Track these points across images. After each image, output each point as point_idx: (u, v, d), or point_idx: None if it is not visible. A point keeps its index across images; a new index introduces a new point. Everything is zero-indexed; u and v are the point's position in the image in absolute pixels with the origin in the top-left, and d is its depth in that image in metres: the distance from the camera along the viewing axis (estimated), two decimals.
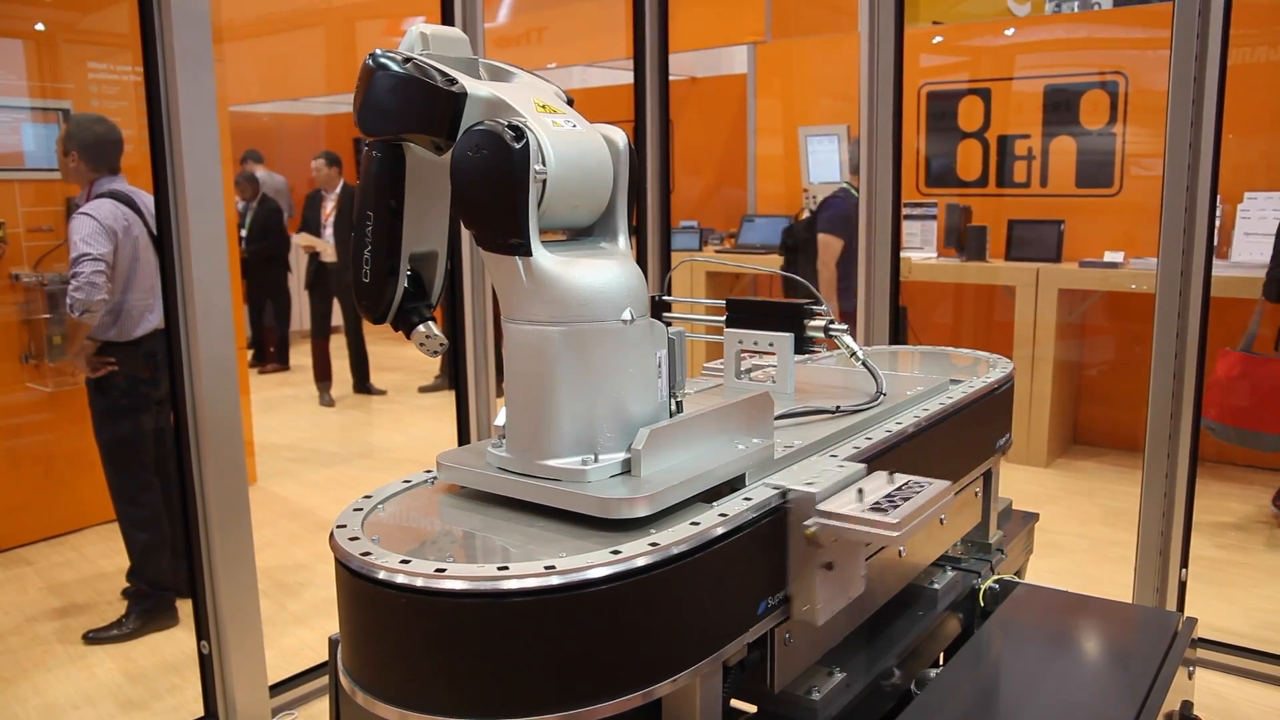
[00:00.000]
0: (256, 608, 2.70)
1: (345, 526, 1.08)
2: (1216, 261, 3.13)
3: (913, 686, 1.45)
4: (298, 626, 3.69)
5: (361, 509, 1.15)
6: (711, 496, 1.13)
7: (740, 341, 1.65)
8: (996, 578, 1.74)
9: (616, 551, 0.96)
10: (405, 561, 0.96)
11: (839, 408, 1.48)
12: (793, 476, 1.18)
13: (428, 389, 7.95)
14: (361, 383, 7.80)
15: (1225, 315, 4.43)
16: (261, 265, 7.91)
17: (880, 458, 1.36)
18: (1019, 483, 5.10)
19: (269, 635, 2.84)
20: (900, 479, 1.19)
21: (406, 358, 8.81)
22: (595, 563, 0.94)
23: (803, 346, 1.61)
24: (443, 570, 0.93)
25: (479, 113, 1.10)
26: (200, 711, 2.80)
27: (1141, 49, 5.50)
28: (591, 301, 1.09)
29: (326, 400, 7.51)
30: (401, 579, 0.94)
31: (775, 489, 1.14)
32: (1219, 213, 3.52)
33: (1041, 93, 5.81)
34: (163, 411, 3.77)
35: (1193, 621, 1.59)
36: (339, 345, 7.72)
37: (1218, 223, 3.42)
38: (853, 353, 1.57)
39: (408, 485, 1.24)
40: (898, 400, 1.57)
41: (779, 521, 1.13)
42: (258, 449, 5.92)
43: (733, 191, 7.71)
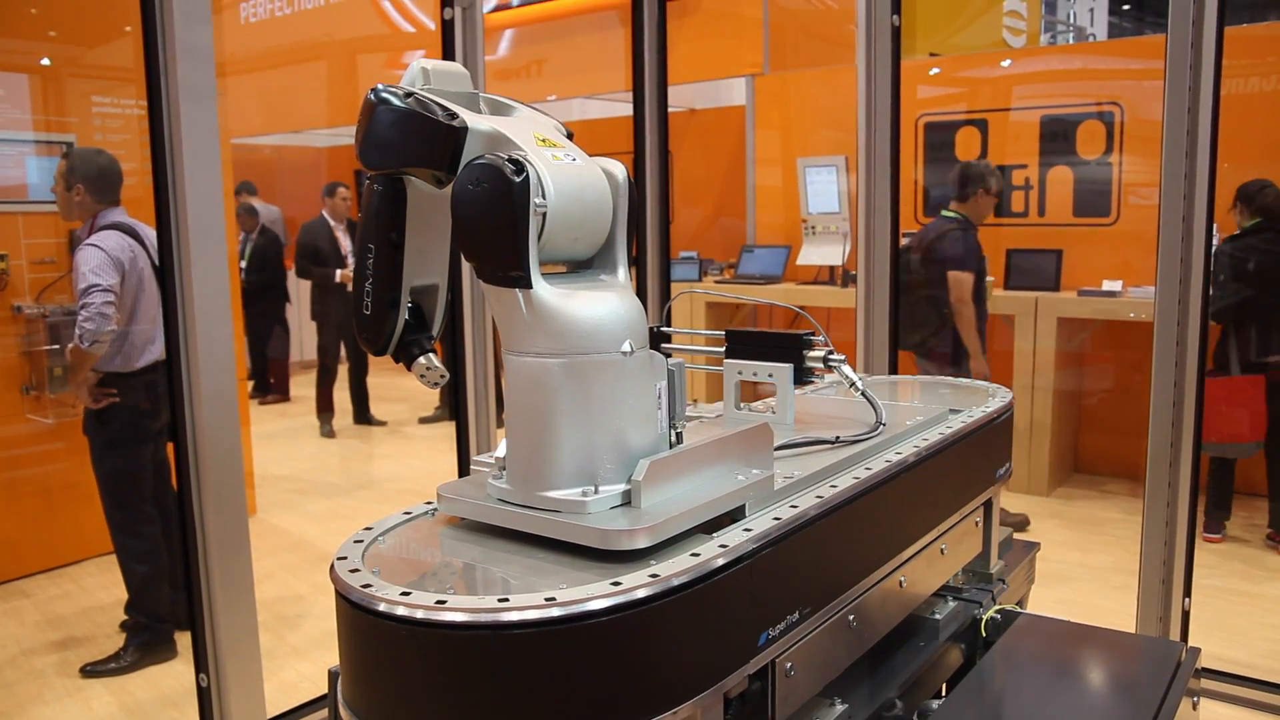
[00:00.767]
0: (256, 640, 2.69)
1: (346, 558, 1.08)
2: None
3: (915, 718, 1.44)
4: (297, 659, 3.67)
5: (362, 540, 1.15)
6: (712, 527, 1.13)
7: (740, 372, 1.65)
8: (998, 608, 1.73)
9: (617, 583, 0.96)
10: (406, 593, 0.96)
11: (839, 438, 1.48)
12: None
13: (428, 420, 7.95)
14: (362, 414, 7.80)
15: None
16: (261, 296, 7.93)
17: (880, 488, 1.36)
18: (1021, 511, 5.08)
19: (268, 668, 2.83)
20: None
21: (407, 389, 8.82)
22: (596, 594, 0.94)
23: (802, 377, 1.61)
24: (443, 602, 0.93)
25: (479, 147, 1.11)
26: None
27: (1137, 79, 5.55)
28: (592, 334, 1.10)
29: (327, 431, 7.51)
30: (402, 611, 0.94)
31: (776, 520, 1.14)
32: (1215, 241, 3.55)
33: (1038, 123, 5.86)
34: (162, 443, 3.77)
35: (1196, 651, 1.58)
36: (340, 376, 7.73)
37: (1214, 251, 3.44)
38: (852, 383, 1.58)
39: (408, 517, 1.24)
40: (897, 430, 1.57)
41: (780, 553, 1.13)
42: (258, 480, 5.91)
43: (732, 222, 7.75)
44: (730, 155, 7.75)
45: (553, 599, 0.92)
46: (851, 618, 1.31)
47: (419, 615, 0.93)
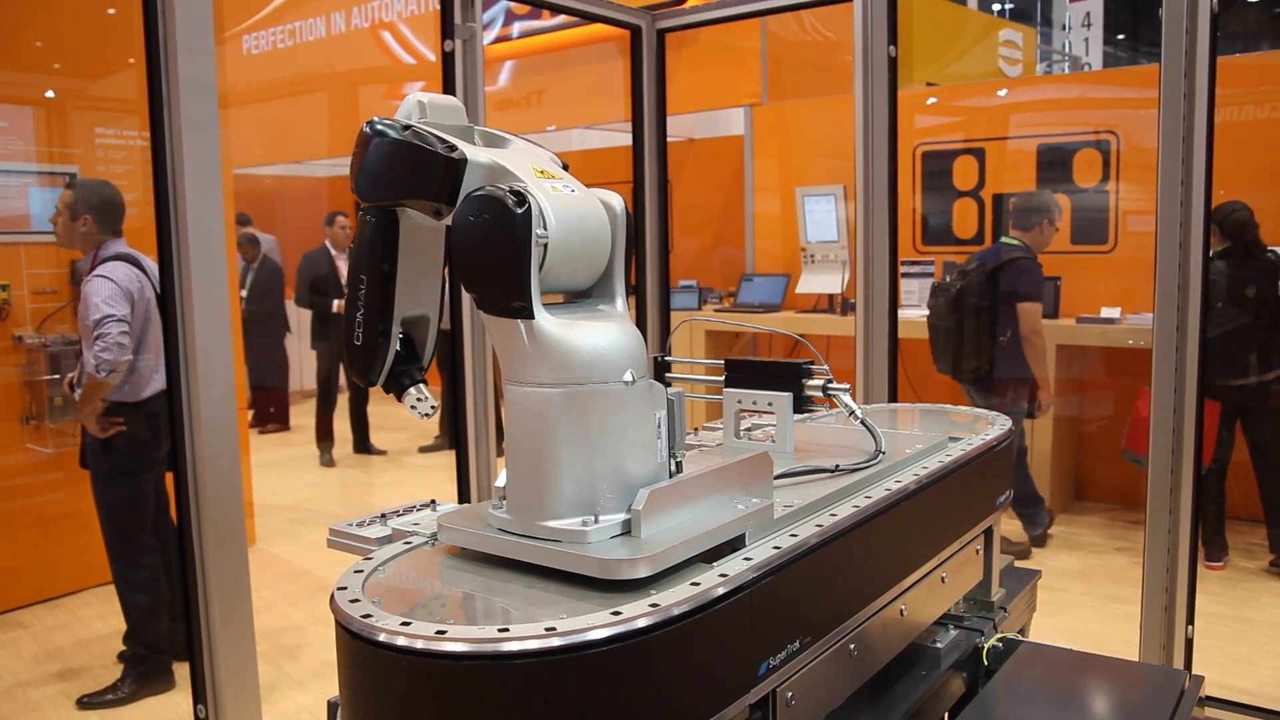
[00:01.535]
0: (255, 671, 2.67)
1: (346, 588, 1.08)
2: None
3: None
4: (296, 690, 3.65)
5: (362, 570, 1.15)
6: (712, 556, 1.13)
7: (739, 401, 1.66)
8: (1000, 636, 1.73)
9: (617, 613, 0.96)
10: (406, 623, 0.96)
11: (838, 467, 1.48)
12: None
13: (428, 449, 7.94)
14: (362, 443, 7.79)
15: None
16: (261, 325, 7.94)
17: (880, 516, 1.36)
18: (1021, 540, 5.07)
19: (267, 699, 2.81)
20: None
21: (407, 418, 8.77)
22: (596, 624, 0.94)
23: (801, 406, 1.61)
24: (443, 632, 0.93)
25: (479, 178, 1.12)
26: None
27: (1133, 108, 5.59)
28: (594, 364, 1.10)
29: (327, 460, 7.50)
30: (402, 641, 0.94)
31: (776, 549, 1.14)
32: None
33: (1035, 151, 5.89)
34: (162, 472, 3.76)
35: (1200, 679, 1.58)
36: (340, 404, 7.72)
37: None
38: (851, 411, 1.58)
39: (408, 547, 1.24)
40: (897, 458, 1.57)
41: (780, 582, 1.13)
42: (257, 509, 5.90)
43: (731, 251, 7.78)
44: (729, 184, 7.79)
45: (553, 629, 0.92)
46: (852, 647, 1.30)
47: (419, 645, 0.93)
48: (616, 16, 3.66)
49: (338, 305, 7.28)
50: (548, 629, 0.92)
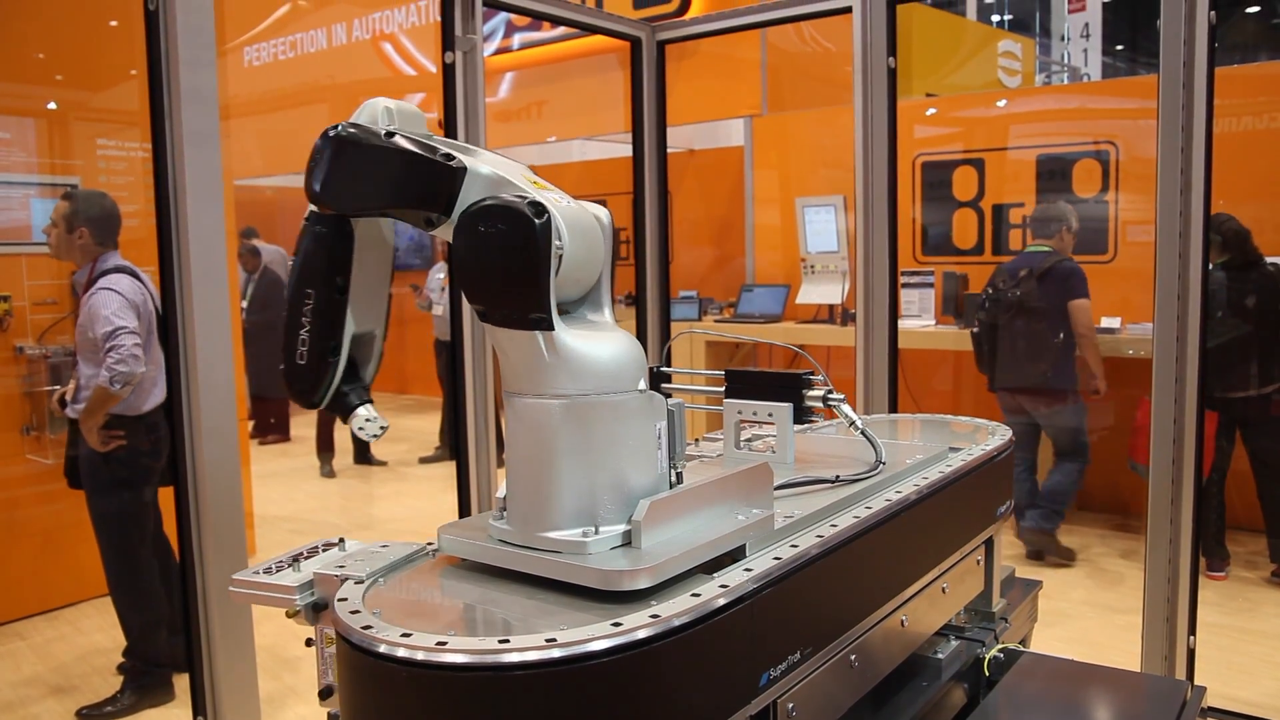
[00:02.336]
0: (255, 682, 2.66)
1: (346, 599, 1.08)
2: None
3: None
4: (296, 702, 3.63)
5: (363, 582, 1.15)
6: (713, 567, 1.13)
7: (739, 412, 1.66)
8: (1001, 647, 1.73)
9: (618, 624, 0.96)
10: (406, 635, 0.96)
11: (838, 477, 1.48)
12: None
13: (429, 460, 7.93)
14: (362, 454, 7.79)
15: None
16: (262, 336, 7.94)
17: (880, 527, 1.36)
18: (1022, 550, 5.06)
19: (267, 711, 2.80)
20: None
21: (407, 429, 8.80)
22: (596, 635, 0.94)
23: (801, 416, 1.61)
24: (444, 643, 0.93)
25: (480, 189, 1.11)
26: None
27: (1132, 118, 5.60)
28: (615, 373, 1.10)
29: (327, 471, 7.49)
30: (403, 652, 0.94)
31: (776, 559, 1.14)
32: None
33: (1034, 162, 5.90)
34: (161, 485, 3.75)
35: (1202, 690, 1.57)
36: None
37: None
38: (851, 422, 1.58)
39: (408, 557, 1.24)
40: (897, 469, 1.57)
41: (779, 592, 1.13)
42: (257, 520, 5.88)
43: (731, 261, 7.79)
44: (729, 195, 7.80)
45: (553, 640, 0.92)
46: (853, 657, 1.30)
47: (420, 656, 0.93)
48: (617, 28, 3.68)
49: None
50: (548, 640, 0.92)
